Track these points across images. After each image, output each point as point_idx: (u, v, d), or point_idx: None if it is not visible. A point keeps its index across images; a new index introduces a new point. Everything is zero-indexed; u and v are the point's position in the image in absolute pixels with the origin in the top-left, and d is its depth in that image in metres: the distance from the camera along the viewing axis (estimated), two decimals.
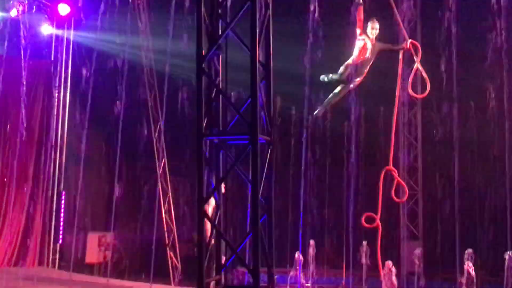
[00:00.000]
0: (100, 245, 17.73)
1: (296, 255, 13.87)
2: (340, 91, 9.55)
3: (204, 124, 7.96)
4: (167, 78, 16.52)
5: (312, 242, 15.08)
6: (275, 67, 8.38)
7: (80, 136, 18.27)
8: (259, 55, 7.90)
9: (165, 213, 17.03)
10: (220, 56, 8.38)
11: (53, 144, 19.20)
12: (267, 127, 8.20)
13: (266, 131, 8.17)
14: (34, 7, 18.55)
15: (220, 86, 8.34)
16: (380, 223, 9.81)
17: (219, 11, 8.22)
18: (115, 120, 17.40)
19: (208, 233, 8.23)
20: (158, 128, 17.39)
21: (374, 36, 9.51)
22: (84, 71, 18.18)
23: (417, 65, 9.77)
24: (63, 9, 18.84)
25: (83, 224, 18.85)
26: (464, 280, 12.15)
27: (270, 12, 8.24)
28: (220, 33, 8.14)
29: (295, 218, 17.26)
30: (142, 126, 18.03)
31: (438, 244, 17.74)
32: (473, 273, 12.06)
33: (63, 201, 19.32)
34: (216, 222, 8.28)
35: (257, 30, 7.74)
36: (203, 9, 7.91)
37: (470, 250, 12.91)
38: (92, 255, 18.06)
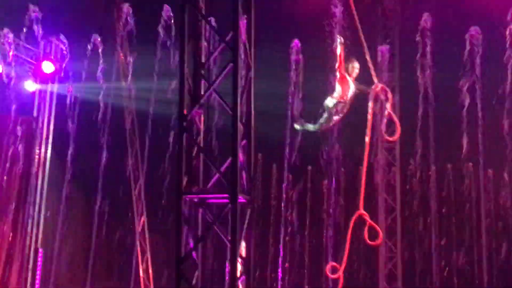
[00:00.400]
0: None
1: None
2: (324, 122, 9.70)
3: (184, 183, 7.96)
4: (148, 136, 16.58)
5: None
6: None
7: (59, 194, 18.11)
8: (241, 114, 7.99)
9: (143, 272, 16.79)
10: (202, 115, 8.44)
11: (32, 201, 18.99)
12: (247, 186, 8.21)
13: (246, 190, 8.18)
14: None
15: (201, 145, 8.37)
16: (342, 275, 9.78)
17: (202, 72, 8.32)
18: (95, 177, 17.33)
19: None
20: (138, 186, 17.30)
21: (354, 76, 9.70)
22: (66, 125, 18.18)
23: (388, 109, 9.98)
24: (48, 67, 18.93)
25: (60, 283, 18.49)
26: None
27: (252, 73, 8.35)
28: (202, 92, 8.22)
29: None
30: (122, 183, 17.95)
31: None
32: None
33: (39, 260, 18.99)
34: (194, 283, 8.18)
35: (239, 91, 7.84)
36: (185, 69, 8.02)
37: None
38: None
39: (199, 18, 8.39)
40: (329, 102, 9.79)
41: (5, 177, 18.33)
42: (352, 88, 9.72)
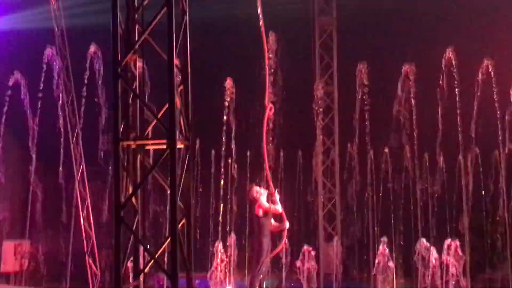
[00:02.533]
0: (16, 254, 17.25)
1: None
2: None
3: (121, 129, 7.91)
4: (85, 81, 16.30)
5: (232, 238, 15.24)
6: None
7: None
8: (177, 60, 7.94)
9: (83, 220, 16.71)
10: (137, 60, 8.34)
11: None
12: (185, 132, 8.21)
13: (184, 136, 8.19)
14: None
15: (137, 91, 8.30)
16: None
17: (135, 16, 8.19)
18: (31, 126, 17.03)
19: None
20: (75, 134, 17.07)
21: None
22: None
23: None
24: None
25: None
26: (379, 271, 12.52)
27: (187, 18, 8.26)
28: (136, 38, 8.12)
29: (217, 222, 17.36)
30: (59, 131, 17.67)
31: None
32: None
33: None
34: (134, 228, 8.23)
35: (174, 35, 7.76)
36: (118, 14, 7.87)
37: (385, 238, 13.32)
38: (8, 263, 17.56)
39: None
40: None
41: None
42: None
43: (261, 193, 11.69)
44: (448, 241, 13.83)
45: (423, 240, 13.90)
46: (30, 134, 17.18)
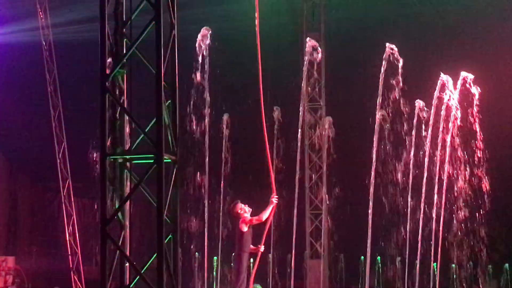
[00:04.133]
0: (0, 270, 17.03)
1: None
2: None
3: (108, 144, 7.86)
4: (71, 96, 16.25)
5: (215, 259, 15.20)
6: None
7: None
8: (165, 75, 7.90)
9: (69, 236, 16.60)
10: (125, 75, 8.30)
11: None
12: (172, 147, 8.16)
13: (171, 151, 8.14)
14: None
15: (125, 105, 8.24)
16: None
17: (124, 30, 8.16)
18: (18, 140, 16.90)
19: None
20: (62, 149, 16.98)
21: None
22: None
23: None
24: None
25: None
26: None
27: (175, 32, 8.24)
28: (124, 51, 8.08)
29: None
30: (46, 147, 17.58)
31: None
32: None
33: None
34: (120, 243, 8.14)
35: (162, 49, 7.74)
36: (106, 27, 7.84)
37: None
38: None
39: None
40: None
41: None
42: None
43: (245, 210, 11.77)
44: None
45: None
46: (15, 149, 17.03)
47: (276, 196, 11.69)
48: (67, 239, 16.55)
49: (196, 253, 16.47)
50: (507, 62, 19.41)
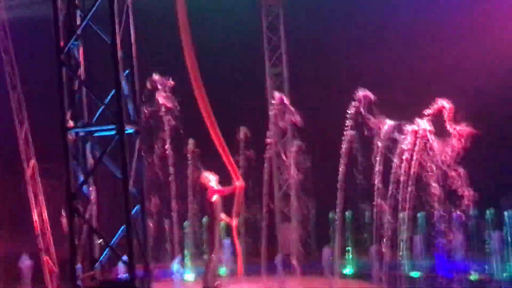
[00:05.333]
0: None
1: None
2: None
3: (68, 117, 7.77)
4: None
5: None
6: None
7: None
8: (121, 44, 7.79)
9: (37, 216, 16.41)
10: (81, 47, 8.18)
11: None
12: (134, 117, 8.10)
13: (133, 121, 8.07)
14: None
15: (82, 78, 8.15)
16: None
17: (76, 1, 8.02)
18: None
19: None
20: (23, 129, 16.72)
21: None
22: None
23: None
24: None
25: None
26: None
27: (128, 1, 8.12)
28: (78, 23, 7.95)
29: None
30: (6, 128, 17.27)
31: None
32: None
33: None
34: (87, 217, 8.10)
35: (116, 19, 7.63)
36: (58, 0, 7.70)
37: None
38: None
39: None
40: None
41: None
42: None
43: (209, 179, 11.79)
44: None
45: None
46: None
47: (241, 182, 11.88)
48: (35, 219, 16.35)
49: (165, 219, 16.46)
50: None
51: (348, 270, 16.16)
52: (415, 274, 14.59)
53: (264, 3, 19.56)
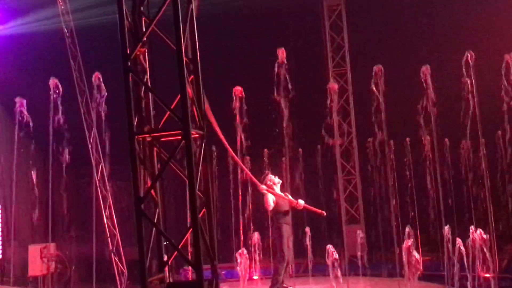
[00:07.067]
0: (42, 257, 17.31)
1: (240, 250, 13.94)
2: None
3: (135, 123, 7.91)
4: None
5: (256, 234, 15.29)
6: None
7: (12, 146, 17.80)
8: (186, 50, 7.89)
9: (106, 218, 16.81)
10: (146, 53, 8.32)
11: None
12: (199, 122, 8.19)
13: (198, 126, 8.17)
14: None
15: (148, 84, 8.28)
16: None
17: (141, 8, 8.16)
18: (48, 129, 17.05)
19: None
20: (92, 134, 17.13)
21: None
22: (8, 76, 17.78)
23: None
24: None
25: (23, 237, 18.43)
26: (406, 258, 12.44)
27: (193, 5, 8.21)
28: (144, 30, 8.09)
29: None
30: (76, 133, 17.70)
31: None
32: (414, 252, 12.34)
33: None
34: (155, 221, 8.24)
35: (181, 25, 7.72)
36: (124, 7, 7.85)
37: (408, 228, 13.26)
38: (35, 267, 17.65)
39: None
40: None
41: None
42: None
43: (274, 182, 11.77)
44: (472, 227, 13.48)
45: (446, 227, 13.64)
46: (48, 136, 17.19)
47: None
48: (105, 222, 16.75)
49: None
50: None
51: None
52: None
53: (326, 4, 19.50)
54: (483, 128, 13.87)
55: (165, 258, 8.28)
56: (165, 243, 8.38)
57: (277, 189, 12.08)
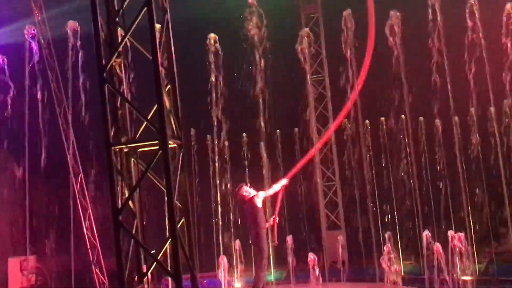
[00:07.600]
0: (22, 270, 17.17)
1: (220, 259, 13.90)
2: None
3: (112, 134, 7.86)
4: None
5: (237, 242, 15.26)
6: None
7: None
8: (161, 60, 7.88)
9: (86, 230, 16.69)
10: (122, 63, 8.28)
11: None
12: (176, 131, 8.16)
13: (176, 135, 8.14)
14: None
15: (125, 94, 8.24)
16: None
17: (116, 19, 8.13)
18: (26, 140, 16.95)
19: None
20: (71, 146, 17.01)
21: None
22: None
23: None
24: None
25: (2, 250, 18.25)
26: (385, 262, 12.48)
27: (168, 16, 8.21)
28: (119, 40, 8.06)
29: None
30: (55, 144, 17.60)
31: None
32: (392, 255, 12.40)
33: None
34: (134, 232, 8.18)
35: (157, 35, 7.70)
36: (99, 18, 7.82)
37: (388, 233, 13.34)
38: (15, 280, 17.50)
39: None
40: None
41: None
42: None
43: (249, 192, 11.72)
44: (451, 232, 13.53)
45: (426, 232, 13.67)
46: (24, 148, 17.09)
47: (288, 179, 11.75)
48: (85, 233, 16.64)
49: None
50: None
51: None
52: None
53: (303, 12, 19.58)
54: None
55: (144, 269, 8.22)
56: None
57: (259, 201, 12.00)
